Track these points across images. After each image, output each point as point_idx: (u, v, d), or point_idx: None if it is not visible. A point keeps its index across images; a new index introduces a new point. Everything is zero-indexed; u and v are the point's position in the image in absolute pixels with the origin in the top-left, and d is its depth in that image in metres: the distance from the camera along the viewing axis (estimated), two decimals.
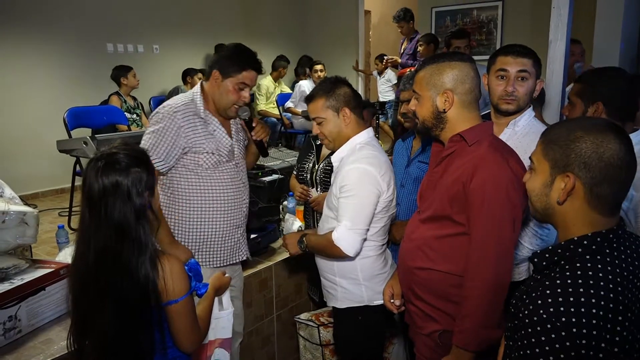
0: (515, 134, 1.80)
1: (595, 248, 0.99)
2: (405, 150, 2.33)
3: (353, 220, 1.72)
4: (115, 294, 1.23)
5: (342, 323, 1.98)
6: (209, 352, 1.61)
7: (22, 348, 1.77)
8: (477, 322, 1.37)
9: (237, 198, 2.02)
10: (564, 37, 2.35)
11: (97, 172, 1.22)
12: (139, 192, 1.25)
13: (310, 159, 2.55)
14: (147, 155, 1.36)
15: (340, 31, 7.41)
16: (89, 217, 1.24)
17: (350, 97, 1.85)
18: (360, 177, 1.74)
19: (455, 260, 1.44)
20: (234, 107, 1.93)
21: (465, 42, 4.03)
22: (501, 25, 6.09)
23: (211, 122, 1.94)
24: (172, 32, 5.84)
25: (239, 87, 1.90)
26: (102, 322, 1.25)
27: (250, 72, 1.90)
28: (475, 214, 1.37)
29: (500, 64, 1.79)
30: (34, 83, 4.88)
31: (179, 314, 1.30)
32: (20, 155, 4.79)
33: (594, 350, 0.90)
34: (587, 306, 0.91)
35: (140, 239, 1.24)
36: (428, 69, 1.49)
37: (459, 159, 1.45)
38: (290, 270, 2.82)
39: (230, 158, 1.99)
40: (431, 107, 1.48)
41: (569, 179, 1.00)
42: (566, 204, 1.02)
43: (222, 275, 1.63)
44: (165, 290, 1.26)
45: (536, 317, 0.93)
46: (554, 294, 0.94)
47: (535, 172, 1.09)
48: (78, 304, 1.30)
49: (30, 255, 2.38)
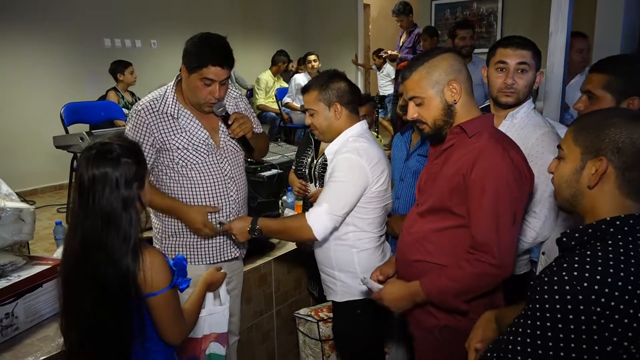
0: (514, 126, 1.78)
1: (627, 229, 0.99)
2: (404, 144, 2.32)
3: (332, 205, 1.72)
4: (97, 281, 1.26)
5: (342, 317, 1.97)
6: (204, 346, 1.62)
7: (19, 345, 1.76)
8: (451, 288, 1.38)
9: (219, 193, 1.93)
10: (565, 28, 2.33)
11: (88, 161, 1.26)
12: (128, 182, 1.27)
13: (309, 153, 2.54)
14: (139, 147, 1.38)
15: (339, 25, 7.38)
16: (79, 204, 1.28)
17: (345, 92, 1.85)
18: (348, 166, 1.74)
19: (455, 254, 1.43)
20: (207, 103, 1.83)
21: (469, 32, 4.01)
22: (501, 17, 6.06)
23: (182, 116, 1.86)
24: (170, 26, 5.81)
25: (204, 82, 1.77)
26: (85, 307, 1.28)
27: (212, 68, 1.74)
28: (475, 205, 1.36)
29: (499, 56, 1.77)
30: (31, 79, 4.87)
31: (160, 307, 1.32)
32: (19, 151, 4.78)
33: (610, 321, 0.92)
34: (613, 282, 0.92)
35: (125, 228, 1.26)
36: (419, 71, 1.45)
37: (458, 150, 1.43)
38: (289, 265, 2.81)
39: (211, 151, 1.90)
40: (440, 104, 1.45)
41: (602, 163, 1.01)
42: (596, 189, 1.04)
43: (215, 271, 1.63)
44: (144, 283, 1.28)
45: (557, 285, 0.95)
46: (582, 268, 0.95)
47: (564, 160, 1.10)
48: (65, 287, 1.33)
49: (28, 251, 2.36)
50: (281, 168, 3.23)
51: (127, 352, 1.31)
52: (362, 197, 1.78)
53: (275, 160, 3.40)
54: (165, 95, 1.87)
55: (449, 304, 1.40)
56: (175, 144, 1.85)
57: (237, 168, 2.01)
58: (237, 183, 2.00)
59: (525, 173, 1.39)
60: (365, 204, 1.80)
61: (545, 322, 0.96)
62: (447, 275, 1.39)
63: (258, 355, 2.72)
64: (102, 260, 1.26)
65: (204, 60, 1.75)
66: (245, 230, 1.80)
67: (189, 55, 1.79)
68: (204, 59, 1.75)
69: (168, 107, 1.85)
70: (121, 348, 1.30)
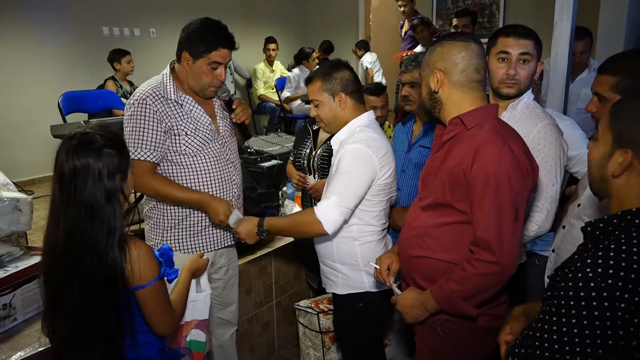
0: (514, 117, 1.75)
1: None
2: (406, 135, 2.29)
3: (341, 197, 1.68)
4: (83, 274, 1.23)
5: (343, 310, 1.96)
6: (184, 333, 1.61)
7: (17, 336, 1.75)
8: (458, 291, 1.36)
9: (224, 178, 1.94)
10: (570, 17, 2.28)
11: (68, 151, 1.22)
12: (111, 173, 1.24)
13: (307, 144, 2.51)
14: (121, 138, 1.34)
15: (340, 15, 7.31)
16: (60, 194, 1.24)
17: (349, 81, 1.81)
18: (356, 156, 1.71)
19: (456, 250, 1.41)
20: (212, 88, 1.85)
21: (464, 21, 3.99)
22: (504, 7, 5.99)
23: (186, 102, 1.86)
24: (169, 15, 5.74)
25: (212, 67, 1.79)
26: (71, 302, 1.25)
27: (221, 51, 1.78)
28: (476, 201, 1.34)
29: (501, 46, 1.73)
30: (29, 67, 4.81)
31: (148, 299, 1.31)
32: (16, 141, 4.74)
33: (635, 316, 0.92)
34: (637, 277, 0.92)
35: (109, 221, 1.23)
36: (430, 48, 1.48)
37: (459, 144, 1.40)
38: (289, 256, 2.80)
39: (213, 137, 1.91)
40: (426, 88, 1.48)
41: (627, 155, 1.00)
42: (622, 178, 1.04)
43: (198, 258, 1.62)
44: (132, 275, 1.26)
45: (581, 273, 0.95)
46: (606, 258, 0.95)
47: (597, 142, 1.10)
48: (48, 282, 1.30)
49: (26, 242, 2.35)
50: (281, 159, 3.21)
51: (118, 347, 1.29)
52: (369, 190, 1.75)
53: (275, 151, 3.37)
54: (163, 82, 1.85)
55: (459, 309, 1.38)
56: (184, 129, 1.83)
57: (235, 153, 2.04)
58: (237, 167, 2.04)
59: (527, 166, 1.36)
60: (371, 196, 1.77)
61: (571, 318, 0.96)
62: (452, 280, 1.37)
63: (258, 346, 2.72)
64: (87, 253, 1.23)
65: (212, 44, 1.76)
66: (253, 233, 1.81)
67: (192, 41, 1.78)
68: (211, 43, 1.76)
69: (170, 94, 1.83)
70: (111, 344, 1.28)
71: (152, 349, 1.40)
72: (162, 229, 1.94)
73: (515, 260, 1.34)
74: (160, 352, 1.43)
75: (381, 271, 1.64)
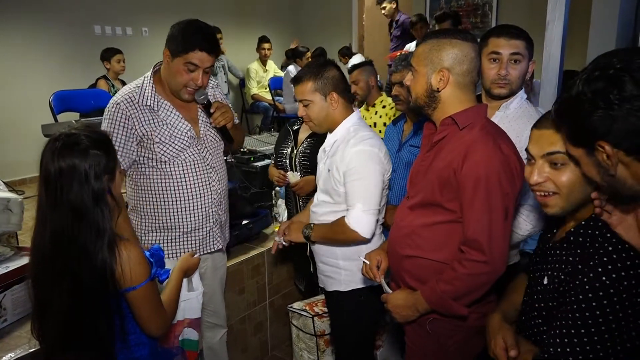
0: (507, 117, 1.76)
1: None
2: (397, 135, 2.30)
3: (365, 202, 1.71)
4: (71, 277, 1.21)
5: (346, 307, 1.94)
6: (177, 332, 1.61)
7: (7, 337, 1.73)
8: (449, 291, 1.36)
9: (202, 184, 1.91)
10: (562, 17, 2.30)
11: (53, 153, 1.20)
12: (97, 175, 1.22)
13: (288, 144, 2.51)
14: (107, 138, 1.32)
15: (334, 14, 7.31)
16: (46, 197, 1.22)
17: (339, 81, 1.81)
18: (365, 158, 1.73)
19: (446, 249, 1.41)
20: (187, 90, 1.80)
21: (446, 24, 3.99)
22: (496, 7, 6.02)
23: (162, 108, 1.83)
24: (162, 14, 5.71)
25: (188, 67, 1.75)
26: (60, 306, 1.23)
27: (198, 53, 1.73)
28: (466, 201, 1.34)
29: (492, 47, 1.74)
30: (20, 66, 4.78)
31: (140, 301, 1.29)
32: (7, 140, 4.71)
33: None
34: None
35: (97, 223, 1.21)
36: (429, 43, 1.41)
37: (450, 144, 1.40)
38: (283, 256, 2.79)
39: (192, 142, 1.88)
40: (425, 85, 1.42)
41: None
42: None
43: (189, 257, 1.61)
44: (122, 277, 1.24)
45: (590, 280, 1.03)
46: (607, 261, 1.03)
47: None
48: (37, 285, 1.28)
49: (17, 242, 2.33)
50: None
51: (109, 350, 1.28)
52: None
53: (268, 150, 3.37)
54: (143, 86, 1.82)
55: (450, 309, 1.38)
56: (157, 137, 1.80)
57: (217, 157, 2.00)
58: (219, 172, 1.99)
59: (516, 167, 1.36)
60: None
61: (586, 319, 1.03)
62: (443, 280, 1.38)
63: (250, 346, 2.72)
64: (75, 256, 1.21)
65: (191, 45, 1.73)
66: (299, 232, 1.91)
67: (174, 39, 1.76)
68: (190, 43, 1.73)
69: (147, 99, 1.81)
70: (103, 347, 1.27)
71: (144, 350, 1.38)
72: (140, 231, 1.91)
73: (505, 259, 1.35)
74: (153, 353, 1.42)
75: (371, 267, 1.64)
